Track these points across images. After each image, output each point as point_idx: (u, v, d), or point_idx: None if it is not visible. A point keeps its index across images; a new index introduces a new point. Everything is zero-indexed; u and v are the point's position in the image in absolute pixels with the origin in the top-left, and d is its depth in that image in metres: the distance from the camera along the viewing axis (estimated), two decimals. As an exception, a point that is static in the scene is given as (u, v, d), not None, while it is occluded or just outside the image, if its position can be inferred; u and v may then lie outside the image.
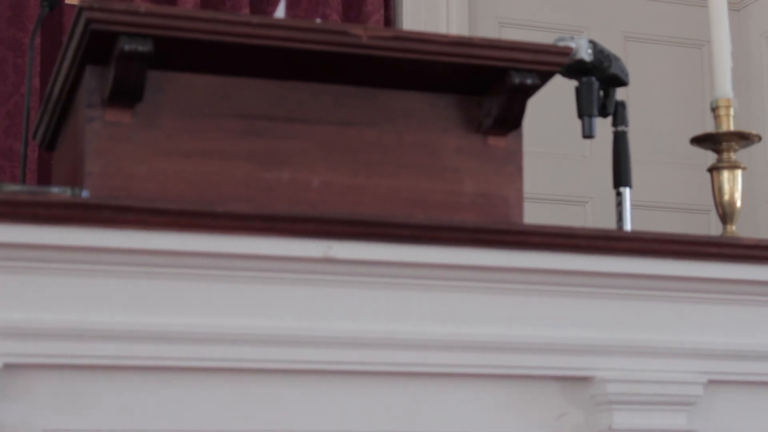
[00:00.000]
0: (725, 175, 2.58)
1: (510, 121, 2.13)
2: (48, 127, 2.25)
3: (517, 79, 2.06)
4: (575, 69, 2.36)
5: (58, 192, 1.81)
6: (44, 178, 4.14)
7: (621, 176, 2.46)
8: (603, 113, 2.42)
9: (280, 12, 2.15)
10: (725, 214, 2.58)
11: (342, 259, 1.91)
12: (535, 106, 2.49)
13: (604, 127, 2.47)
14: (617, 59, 2.40)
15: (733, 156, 2.59)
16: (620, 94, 2.46)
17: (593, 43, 2.37)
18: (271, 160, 2.04)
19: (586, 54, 2.34)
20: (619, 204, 2.43)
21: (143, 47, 1.91)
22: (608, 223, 2.72)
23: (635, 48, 5.09)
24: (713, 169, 2.60)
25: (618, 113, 2.45)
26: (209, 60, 2.01)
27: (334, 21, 4.54)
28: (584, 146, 4.84)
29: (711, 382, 2.10)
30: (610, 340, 2.05)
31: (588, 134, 2.36)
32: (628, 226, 2.41)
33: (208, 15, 1.97)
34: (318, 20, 2.16)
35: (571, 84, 2.41)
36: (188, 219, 1.83)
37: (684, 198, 4.98)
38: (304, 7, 4.62)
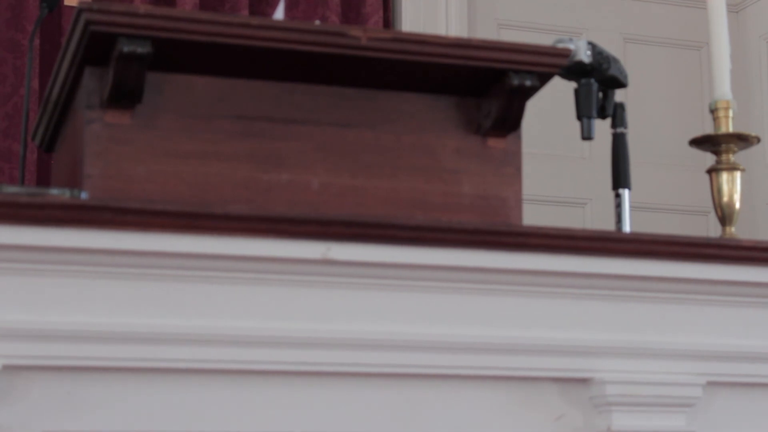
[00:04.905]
0: (724, 176, 2.58)
1: (509, 122, 2.13)
2: (47, 129, 2.25)
3: (516, 81, 2.06)
4: (574, 70, 2.36)
5: (57, 193, 1.81)
6: (43, 179, 4.14)
7: (620, 178, 2.46)
8: (602, 115, 2.42)
9: (279, 13, 2.16)
10: (724, 215, 2.58)
11: (341, 260, 1.91)
12: (534, 107, 2.49)
13: (603, 128, 2.47)
14: (616, 61, 2.40)
15: (732, 158, 2.59)
16: (619, 95, 2.46)
17: (592, 45, 2.37)
18: (270, 162, 2.04)
19: (585, 55, 2.34)
20: (618, 206, 2.43)
21: (142, 49, 1.91)
22: (607, 225, 2.72)
23: (634, 49, 5.09)
24: (712, 171, 2.60)
25: (617, 115, 2.45)
26: (208, 61, 2.01)
27: (333, 22, 4.54)
28: (583, 148, 4.84)
29: (710, 383, 2.10)
30: (609, 342, 2.05)
31: (587, 136, 2.36)
32: (627, 228, 2.41)
33: (207, 16, 1.97)
34: (317, 22, 2.16)
35: (570, 85, 2.41)
36: (187, 220, 1.83)
37: (683, 200, 4.98)
38: (303, 9, 4.63)
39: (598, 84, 2.38)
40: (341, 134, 2.09)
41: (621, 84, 2.41)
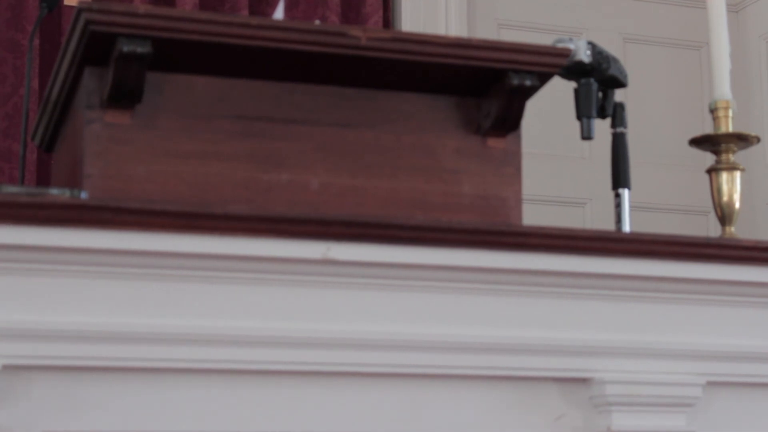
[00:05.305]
0: (724, 176, 2.58)
1: (509, 122, 2.13)
2: (47, 129, 2.25)
3: (515, 81, 2.06)
4: (574, 70, 2.36)
5: (57, 193, 1.81)
6: (43, 179, 4.14)
7: (620, 178, 2.46)
8: (602, 115, 2.42)
9: (278, 13, 2.15)
10: (724, 215, 2.58)
11: (341, 260, 1.91)
12: (534, 107, 2.49)
13: (602, 128, 2.47)
14: (616, 61, 2.40)
15: (731, 157, 2.59)
16: (619, 95, 2.46)
17: (592, 45, 2.37)
18: (270, 162, 2.04)
19: (584, 55, 2.34)
20: (618, 205, 2.43)
21: (142, 48, 1.91)
22: (607, 225, 2.72)
23: (634, 49, 5.09)
24: (712, 171, 2.60)
25: (617, 115, 2.45)
26: (208, 61, 2.01)
27: (333, 22, 4.54)
28: (583, 148, 4.84)
29: (710, 383, 2.10)
30: (609, 342, 2.05)
31: (587, 136, 2.36)
32: (626, 228, 2.41)
33: (207, 16, 1.97)
34: (317, 22, 2.16)
35: (570, 85, 2.41)
36: (187, 220, 1.83)
37: (683, 199, 4.98)
38: (303, 9, 4.63)
39: (597, 84, 2.38)
40: (341, 134, 2.09)
41: (621, 84, 2.41)
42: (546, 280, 2.02)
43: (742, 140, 2.58)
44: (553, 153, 4.85)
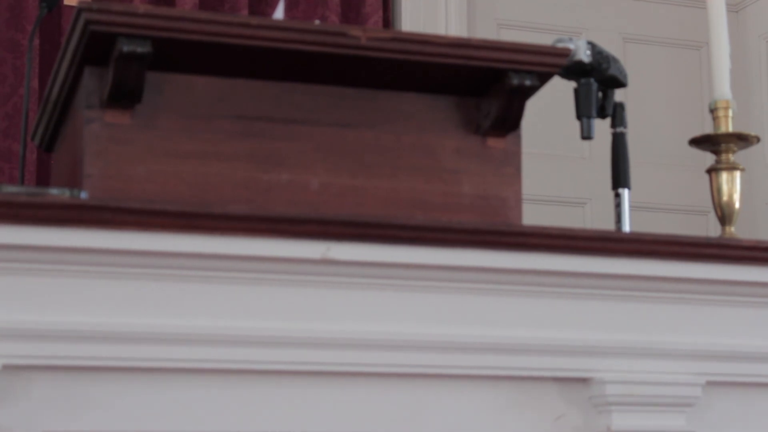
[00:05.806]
0: (724, 176, 2.58)
1: (509, 122, 2.13)
2: (47, 129, 2.25)
3: (515, 81, 2.06)
4: (574, 70, 2.37)
5: (56, 193, 1.81)
6: (43, 179, 4.14)
7: (620, 177, 2.46)
8: (602, 114, 2.42)
9: (278, 13, 2.16)
10: (724, 215, 2.58)
11: (341, 260, 1.91)
12: (533, 107, 2.49)
13: (602, 128, 2.47)
14: (616, 60, 2.40)
15: (731, 157, 2.59)
16: (619, 95, 2.46)
17: (592, 45, 2.37)
18: (270, 162, 2.04)
19: (584, 55, 2.34)
20: (618, 205, 2.43)
21: (142, 48, 1.91)
22: (607, 225, 2.72)
23: (634, 49, 5.09)
24: (712, 171, 2.60)
25: (617, 114, 2.45)
26: (208, 61, 2.01)
27: (333, 22, 4.54)
28: (583, 148, 4.84)
29: (709, 383, 2.10)
30: (608, 342, 2.05)
31: (587, 135, 2.36)
32: (626, 228, 2.41)
33: (207, 16, 1.97)
34: (317, 21, 2.16)
35: (570, 85, 2.41)
36: (187, 220, 1.83)
37: (683, 199, 4.98)
38: (303, 9, 4.63)
39: (597, 84, 2.38)
40: (341, 134, 2.09)
41: (621, 84, 2.41)
42: (546, 280, 2.02)
43: (742, 140, 2.58)
44: (553, 153, 4.85)
